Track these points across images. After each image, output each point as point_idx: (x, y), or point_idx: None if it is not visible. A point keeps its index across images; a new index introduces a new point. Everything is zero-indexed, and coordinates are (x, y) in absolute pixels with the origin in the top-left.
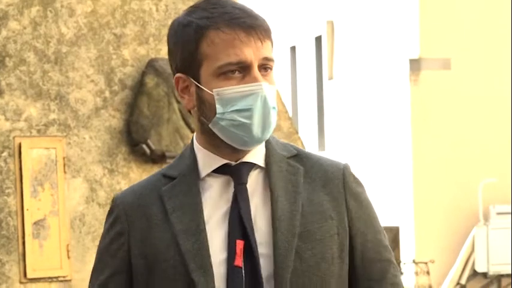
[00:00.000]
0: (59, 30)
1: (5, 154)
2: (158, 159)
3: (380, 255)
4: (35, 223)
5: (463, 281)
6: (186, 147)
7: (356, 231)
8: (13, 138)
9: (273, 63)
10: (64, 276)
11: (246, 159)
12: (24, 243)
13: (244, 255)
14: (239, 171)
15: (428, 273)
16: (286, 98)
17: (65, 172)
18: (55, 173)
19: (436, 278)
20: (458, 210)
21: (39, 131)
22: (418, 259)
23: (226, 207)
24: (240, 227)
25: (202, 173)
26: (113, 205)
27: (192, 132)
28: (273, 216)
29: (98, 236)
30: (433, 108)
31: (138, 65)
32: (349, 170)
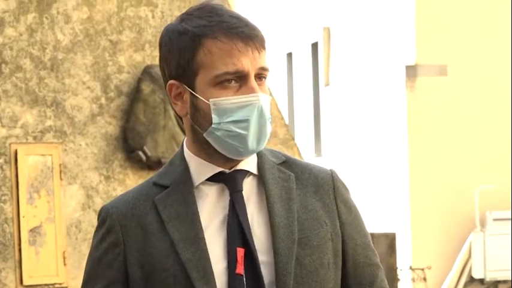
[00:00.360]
0: (55, 37)
1: (1, 161)
2: (154, 165)
3: (369, 260)
4: (31, 230)
5: None
6: (175, 155)
7: (347, 236)
8: (9, 145)
9: (268, 72)
10: (60, 283)
11: (240, 166)
12: (20, 250)
13: (244, 263)
14: (234, 178)
15: (425, 279)
16: (282, 104)
17: (61, 179)
18: (51, 179)
19: (433, 284)
20: (455, 216)
21: (35, 138)
22: (414, 265)
23: (222, 215)
24: (240, 234)
25: (196, 182)
26: (104, 215)
27: None
28: (271, 223)
29: None
30: (429, 115)
31: (134, 72)
32: (336, 175)
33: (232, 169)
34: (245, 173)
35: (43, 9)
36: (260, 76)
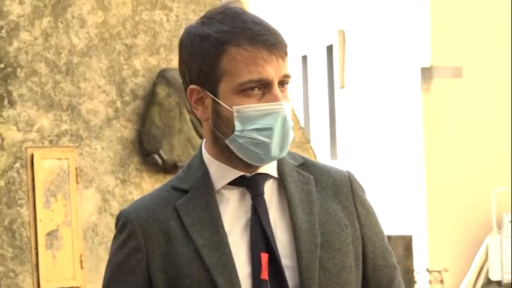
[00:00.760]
0: (70, 41)
1: (17, 165)
2: (170, 169)
3: (387, 261)
4: (48, 234)
5: None
6: (193, 158)
7: (367, 239)
8: (25, 149)
9: (290, 79)
10: (77, 287)
11: (261, 170)
12: (37, 253)
13: (268, 268)
14: (255, 182)
15: (442, 281)
16: (297, 107)
17: (77, 182)
18: (67, 183)
19: (450, 286)
20: (472, 218)
21: (51, 142)
22: (431, 268)
23: (245, 220)
24: (263, 239)
25: (217, 186)
26: (124, 220)
27: None
28: (293, 227)
29: None
30: (444, 117)
31: (150, 75)
32: (354, 177)
33: (253, 173)
34: (266, 177)
35: (58, 14)
36: (283, 83)
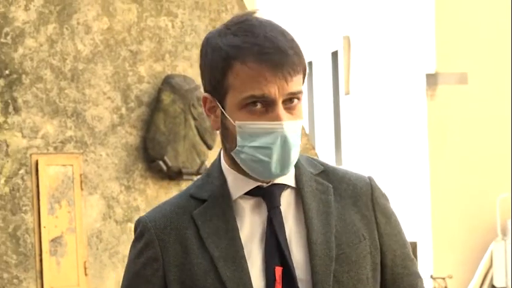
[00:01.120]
0: (75, 47)
1: (22, 171)
2: (175, 175)
3: (408, 270)
4: (52, 240)
5: None
6: (212, 165)
7: (386, 248)
8: (30, 155)
9: (301, 94)
10: None
11: (278, 180)
12: (41, 260)
13: (283, 281)
14: (272, 193)
15: None
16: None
17: (81, 189)
18: (72, 190)
19: None
20: (476, 224)
21: (56, 148)
22: (436, 274)
23: (260, 232)
24: (278, 253)
25: (234, 196)
26: (142, 229)
27: (209, 148)
28: (308, 241)
29: (115, 253)
30: (450, 123)
31: (155, 82)
32: (375, 184)
33: (269, 183)
34: (283, 187)
35: (63, 20)
36: (292, 99)
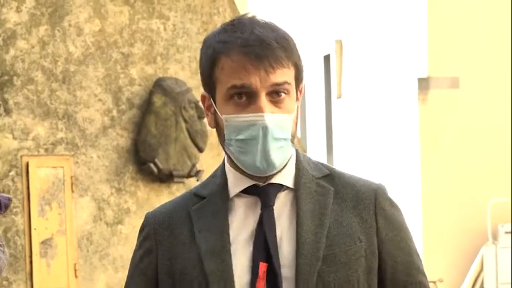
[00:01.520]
0: (67, 49)
1: (12, 173)
2: (166, 178)
3: (411, 278)
4: (42, 242)
5: None
6: (219, 166)
7: (386, 253)
8: (21, 157)
9: (290, 86)
10: None
11: (274, 180)
12: (31, 262)
13: (267, 278)
14: (266, 192)
15: None
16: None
17: (72, 191)
18: (62, 192)
19: None
20: (467, 229)
21: (46, 150)
22: None
23: (251, 229)
24: (265, 249)
25: (231, 193)
26: (144, 223)
27: (200, 151)
28: (297, 240)
29: (106, 255)
30: (441, 127)
31: (146, 84)
32: (383, 190)
33: (266, 182)
34: (279, 187)
35: (55, 22)
36: (278, 92)
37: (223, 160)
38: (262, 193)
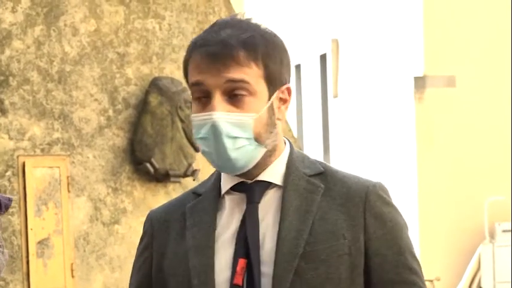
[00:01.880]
0: (63, 49)
1: (8, 173)
2: (162, 178)
3: (400, 277)
4: (39, 242)
5: None
6: None
7: (373, 251)
8: (17, 157)
9: (250, 85)
10: None
11: (262, 177)
12: (28, 262)
13: (246, 273)
14: (252, 190)
15: None
16: (291, 116)
17: (68, 191)
18: (59, 192)
19: None
20: (464, 227)
21: (42, 150)
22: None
23: (236, 226)
24: (246, 246)
25: (222, 191)
26: (146, 219)
27: (196, 151)
28: (277, 236)
29: (102, 254)
30: (438, 126)
31: (142, 84)
32: (376, 188)
33: (254, 180)
34: (266, 184)
35: (50, 22)
36: (235, 90)
37: None
38: (248, 190)
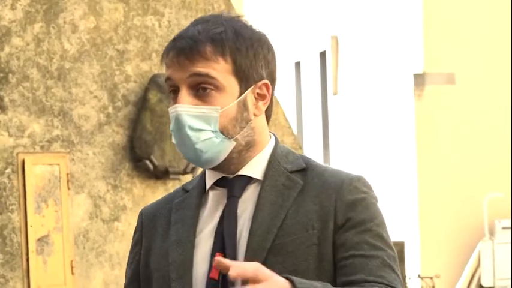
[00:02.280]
0: (62, 47)
1: (8, 170)
2: (161, 174)
3: (364, 252)
4: (38, 239)
5: None
6: None
7: (343, 241)
8: (16, 154)
9: (216, 80)
10: None
11: (242, 172)
12: (28, 259)
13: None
14: (232, 184)
15: None
16: (290, 113)
17: (68, 188)
18: (58, 189)
19: None
20: (464, 224)
21: (42, 147)
22: (423, 274)
23: (217, 220)
24: (223, 240)
25: (207, 186)
26: (139, 215)
27: None
28: (249, 231)
29: (102, 251)
30: (437, 123)
31: (141, 81)
32: (352, 180)
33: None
34: (246, 179)
35: (50, 19)
36: (202, 84)
37: None
38: (229, 185)
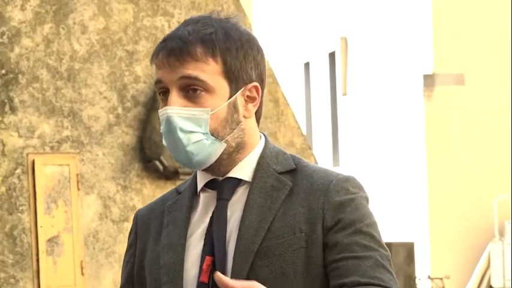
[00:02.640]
0: (72, 47)
1: (18, 171)
2: (171, 175)
3: (355, 254)
4: (48, 240)
5: None
6: None
7: (332, 243)
8: (26, 155)
9: (206, 82)
10: None
11: (231, 174)
12: (38, 260)
13: (211, 271)
14: (222, 186)
15: None
16: (300, 114)
17: (78, 189)
18: (68, 189)
19: None
20: (474, 225)
21: (52, 148)
22: (433, 275)
23: (207, 223)
24: (212, 243)
25: (198, 188)
26: (134, 217)
27: None
28: (237, 234)
29: (112, 252)
30: (447, 124)
31: (151, 82)
32: (340, 181)
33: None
34: (236, 181)
35: (59, 20)
36: (192, 86)
37: None
38: (218, 187)
